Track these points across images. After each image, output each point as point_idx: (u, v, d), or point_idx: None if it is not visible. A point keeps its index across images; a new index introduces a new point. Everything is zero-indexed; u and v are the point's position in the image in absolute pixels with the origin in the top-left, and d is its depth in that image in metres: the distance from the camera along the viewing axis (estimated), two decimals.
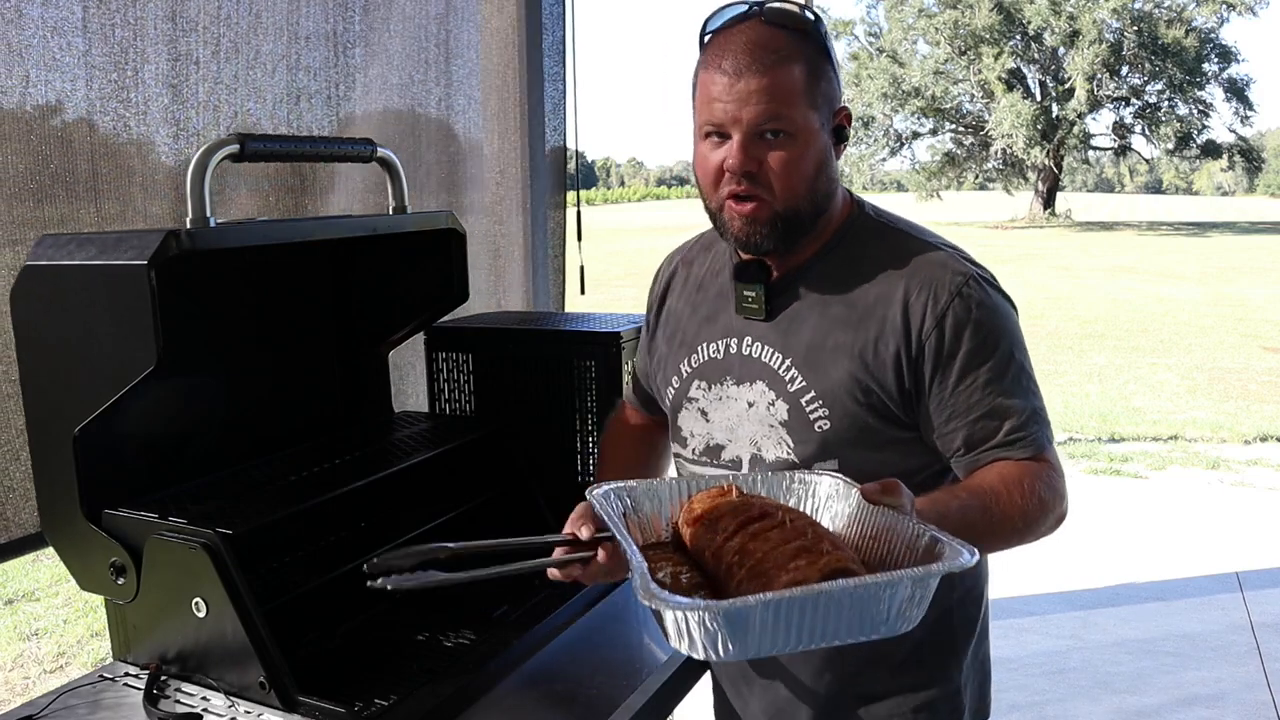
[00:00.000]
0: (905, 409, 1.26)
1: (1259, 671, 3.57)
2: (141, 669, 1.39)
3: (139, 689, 1.35)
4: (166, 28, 1.80)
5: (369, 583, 1.10)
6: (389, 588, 1.09)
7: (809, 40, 1.23)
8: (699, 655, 0.91)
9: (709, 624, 0.88)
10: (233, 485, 1.48)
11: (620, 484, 1.19)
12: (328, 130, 2.14)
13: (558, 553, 1.20)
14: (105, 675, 1.41)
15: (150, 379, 1.23)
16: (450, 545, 1.14)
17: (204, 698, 1.32)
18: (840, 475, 1.14)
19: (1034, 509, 1.19)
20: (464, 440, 1.72)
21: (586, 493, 1.17)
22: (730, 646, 0.89)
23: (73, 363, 1.29)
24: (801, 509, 1.13)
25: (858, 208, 1.36)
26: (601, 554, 1.18)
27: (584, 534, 1.18)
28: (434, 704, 1.30)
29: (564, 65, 2.79)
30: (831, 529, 1.09)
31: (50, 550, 1.45)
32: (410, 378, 2.31)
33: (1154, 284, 15.22)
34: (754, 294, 1.33)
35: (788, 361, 1.30)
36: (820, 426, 1.27)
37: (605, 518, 1.11)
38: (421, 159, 2.40)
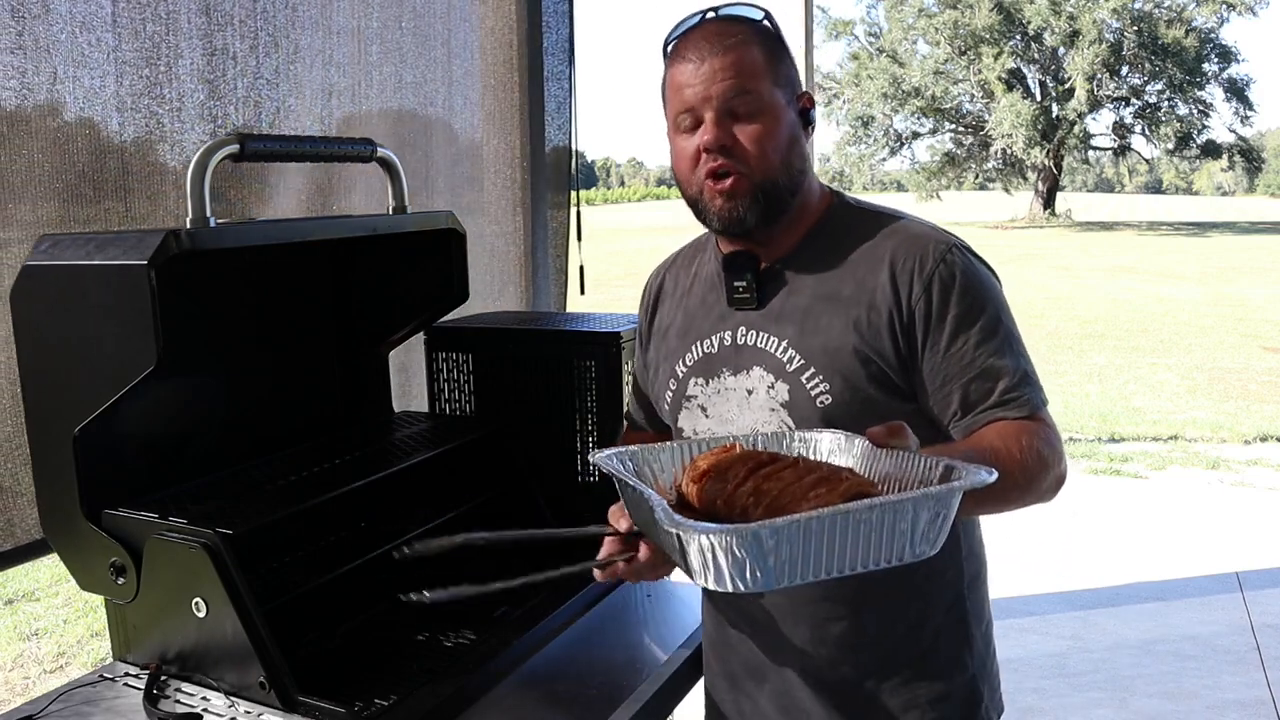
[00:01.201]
0: (903, 376, 1.28)
1: (1259, 671, 3.57)
2: (141, 669, 1.39)
3: (139, 689, 1.35)
4: (200, 22, 1.76)
5: (403, 597, 1.13)
6: (428, 601, 1.12)
7: (760, 28, 1.31)
8: (726, 587, 0.89)
9: (736, 550, 0.86)
10: (233, 485, 1.48)
11: (621, 449, 1.17)
12: (365, 128, 2.12)
13: (602, 553, 1.22)
14: (105, 675, 1.41)
15: (150, 379, 1.23)
16: (485, 535, 1.15)
17: (204, 698, 1.32)
18: (839, 431, 1.14)
19: (1034, 464, 1.19)
20: (464, 440, 1.72)
21: (590, 457, 1.17)
22: (759, 574, 0.87)
23: (73, 363, 1.29)
24: None
25: (837, 198, 1.40)
26: (644, 550, 1.20)
27: (623, 526, 1.20)
28: (434, 704, 1.30)
29: (569, 64, 2.78)
30: None
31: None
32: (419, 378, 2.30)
33: (1154, 284, 15.22)
34: (744, 283, 1.35)
35: (784, 343, 1.32)
36: (822, 401, 1.28)
37: (615, 474, 1.09)
38: (432, 158, 2.39)
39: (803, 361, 1.30)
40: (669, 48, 1.34)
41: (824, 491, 0.93)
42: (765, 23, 1.32)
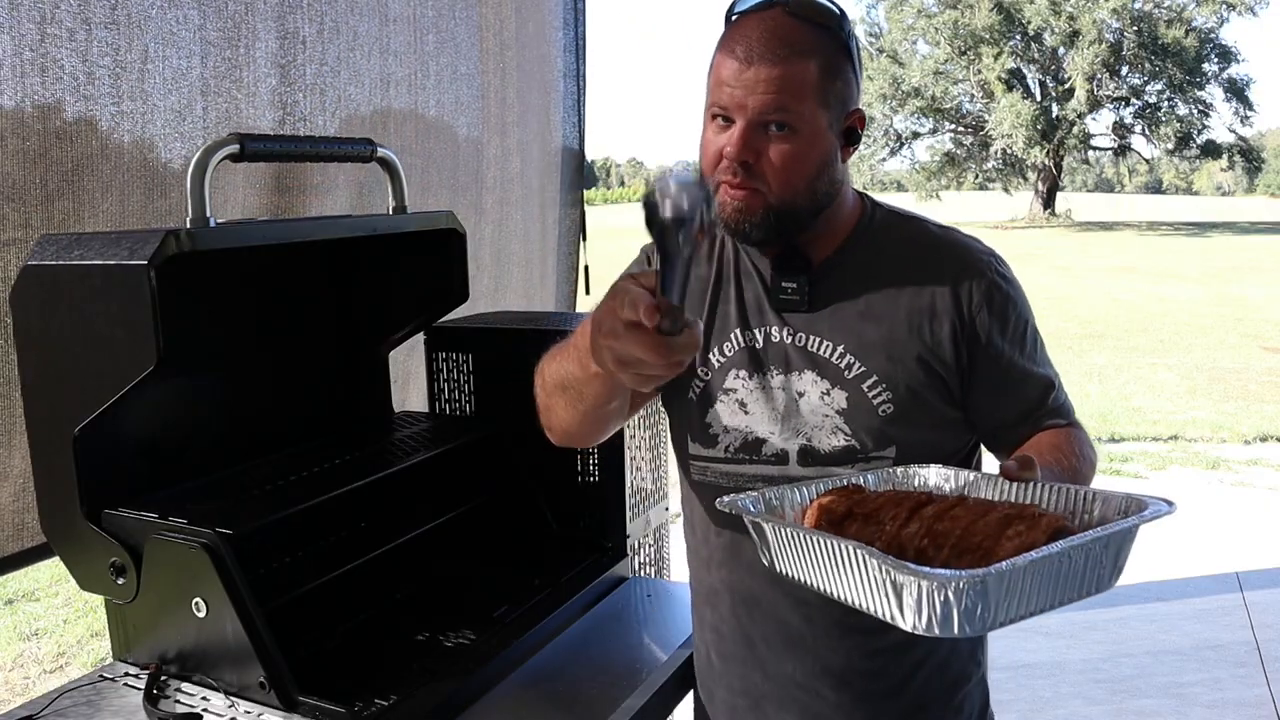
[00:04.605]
0: (959, 383, 1.29)
1: (1259, 671, 3.57)
2: (141, 669, 1.39)
3: (139, 689, 1.35)
4: (275, 1, 1.69)
5: None
6: None
7: (830, 37, 1.22)
8: (936, 631, 0.86)
9: (970, 595, 0.84)
10: (233, 485, 1.48)
11: (754, 494, 1.11)
12: (411, 120, 2.08)
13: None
14: (105, 675, 1.41)
15: (150, 379, 1.23)
16: None
17: (204, 698, 1.32)
18: (942, 466, 1.16)
19: (1087, 469, 1.25)
20: (464, 440, 1.72)
21: (720, 502, 1.10)
22: (975, 620, 0.86)
23: (73, 363, 1.29)
24: None
25: (868, 203, 1.38)
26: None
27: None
28: (434, 704, 1.30)
29: (582, 63, 2.78)
30: None
31: None
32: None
33: (1154, 284, 15.22)
34: (795, 285, 1.32)
35: (840, 349, 1.29)
36: (884, 410, 1.27)
37: (746, 515, 1.06)
38: (484, 155, 2.37)
39: (864, 369, 1.28)
40: (729, 20, 1.26)
41: (1023, 529, 0.91)
42: (837, 29, 1.22)
